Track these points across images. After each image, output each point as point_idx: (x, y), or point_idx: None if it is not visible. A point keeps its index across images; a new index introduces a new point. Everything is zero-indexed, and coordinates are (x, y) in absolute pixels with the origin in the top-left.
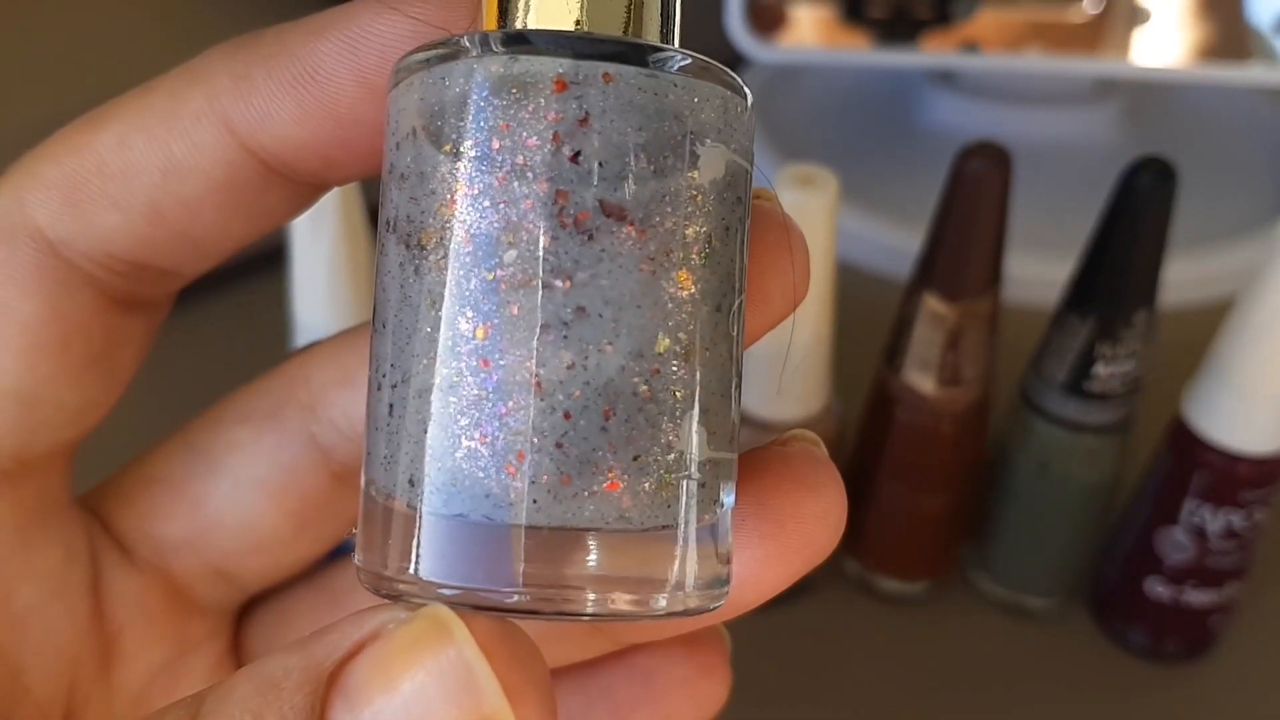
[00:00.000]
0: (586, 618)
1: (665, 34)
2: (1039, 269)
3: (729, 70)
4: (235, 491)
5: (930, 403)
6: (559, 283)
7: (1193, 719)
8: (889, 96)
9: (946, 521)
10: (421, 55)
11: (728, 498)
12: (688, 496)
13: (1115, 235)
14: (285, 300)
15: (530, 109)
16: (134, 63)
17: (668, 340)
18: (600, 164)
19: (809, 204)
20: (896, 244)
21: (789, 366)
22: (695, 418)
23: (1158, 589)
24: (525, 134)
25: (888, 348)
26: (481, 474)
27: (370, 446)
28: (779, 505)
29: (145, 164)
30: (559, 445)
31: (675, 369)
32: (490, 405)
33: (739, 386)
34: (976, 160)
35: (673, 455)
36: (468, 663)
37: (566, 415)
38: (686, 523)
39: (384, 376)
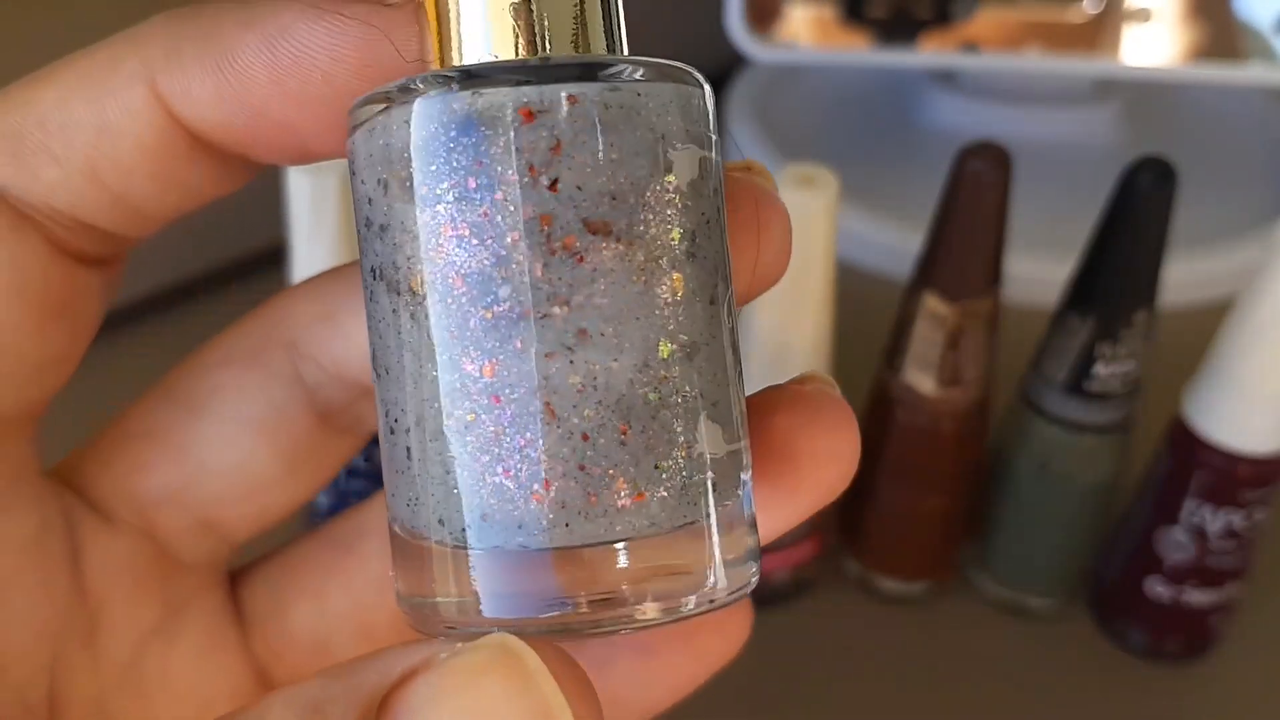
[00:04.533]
0: (635, 628)
1: (612, 44)
2: (1039, 269)
3: (682, 66)
4: (221, 433)
5: (930, 403)
6: (557, 309)
7: (1193, 719)
8: (889, 96)
9: (946, 521)
10: (378, 100)
11: (746, 483)
12: (710, 492)
13: (1115, 235)
14: None
15: (502, 143)
16: None
17: (670, 344)
18: (579, 186)
19: (809, 204)
20: (896, 244)
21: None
22: (706, 414)
23: (1158, 589)
24: (501, 168)
25: (888, 348)
26: (511, 506)
27: (393, 489)
28: (793, 444)
29: (82, 121)
30: (581, 467)
31: (680, 371)
32: (509, 440)
33: (740, 371)
34: (976, 160)
35: (691, 455)
36: (541, 689)
37: (584, 436)
38: (710, 517)
39: (396, 421)
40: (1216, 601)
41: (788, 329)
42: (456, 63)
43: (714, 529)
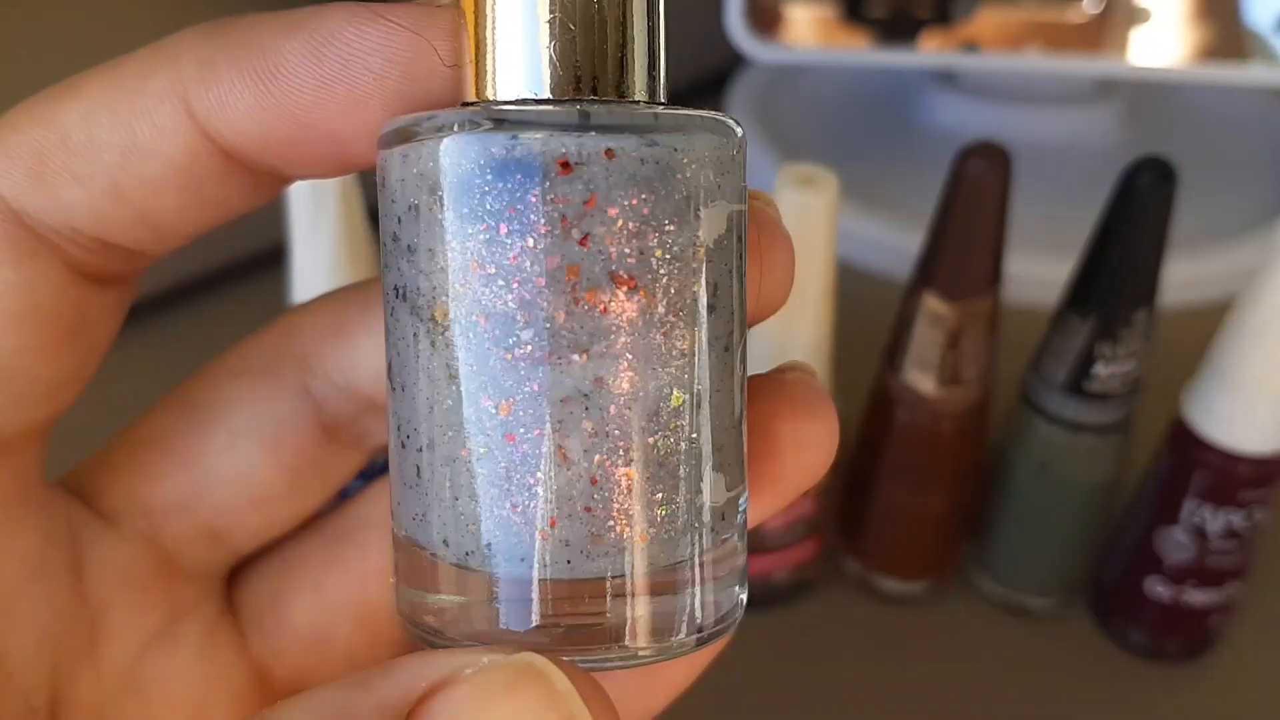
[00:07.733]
0: (625, 663)
1: (653, 88)
2: (1039, 269)
3: (720, 116)
4: (230, 445)
5: (930, 403)
6: (576, 357)
7: (1193, 719)
8: (889, 96)
9: (946, 521)
10: (419, 124)
11: (742, 524)
12: (707, 536)
13: (1115, 235)
14: (285, 300)
15: (537, 193)
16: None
17: (683, 394)
18: (609, 241)
19: (809, 204)
20: (896, 244)
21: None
22: (711, 462)
23: (1158, 589)
24: (533, 217)
25: (888, 348)
26: (516, 539)
27: (399, 498)
28: (775, 430)
29: (108, 141)
30: (588, 509)
31: (690, 420)
32: (519, 477)
33: (744, 411)
34: (976, 160)
35: (694, 501)
36: (569, 709)
37: (593, 481)
38: (704, 560)
39: (408, 439)
40: (1216, 601)
41: (788, 329)
42: (491, 96)
43: (708, 572)
